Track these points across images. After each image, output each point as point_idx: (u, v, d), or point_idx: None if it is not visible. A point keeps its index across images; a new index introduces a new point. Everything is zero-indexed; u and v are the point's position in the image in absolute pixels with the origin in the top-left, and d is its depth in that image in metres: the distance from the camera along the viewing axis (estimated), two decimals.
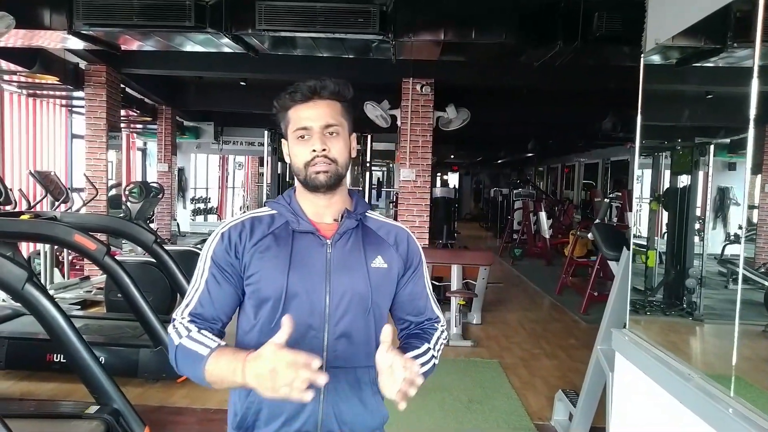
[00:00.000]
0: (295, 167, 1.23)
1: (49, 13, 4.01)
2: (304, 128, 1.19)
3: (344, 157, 1.22)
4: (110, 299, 4.95)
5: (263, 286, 1.18)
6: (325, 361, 1.17)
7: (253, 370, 1.00)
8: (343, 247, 1.23)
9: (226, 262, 1.20)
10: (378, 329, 1.22)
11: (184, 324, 1.16)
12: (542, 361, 4.69)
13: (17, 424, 2.10)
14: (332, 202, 1.25)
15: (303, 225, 1.22)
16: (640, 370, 1.99)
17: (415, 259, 1.31)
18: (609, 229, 3.51)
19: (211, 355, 1.08)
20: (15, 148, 7.48)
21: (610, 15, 3.71)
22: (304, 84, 1.20)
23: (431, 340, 1.29)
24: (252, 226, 1.22)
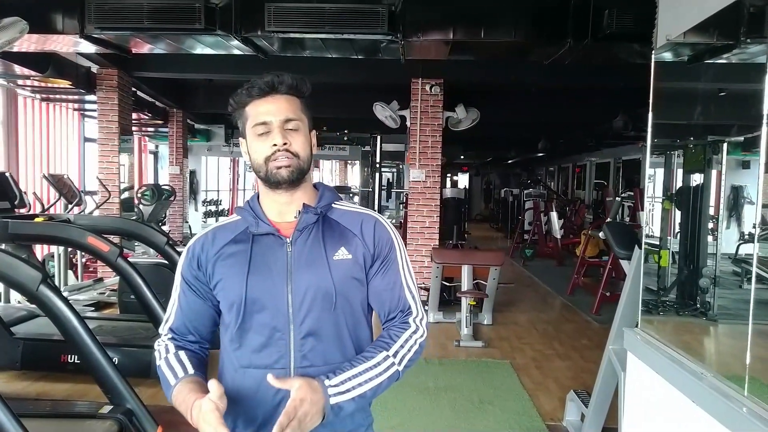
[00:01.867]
0: (255, 164, 1.19)
1: (61, 17, 4.06)
2: (263, 123, 1.17)
3: (306, 151, 1.19)
4: (123, 301, 4.99)
5: (227, 293, 1.19)
6: (293, 361, 1.17)
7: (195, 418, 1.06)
8: (303, 244, 1.20)
9: (192, 276, 1.23)
10: (350, 323, 1.22)
11: (165, 342, 1.24)
12: (554, 361, 4.67)
13: (33, 424, 2.12)
14: (294, 198, 1.22)
15: (262, 227, 1.20)
16: (653, 370, 1.98)
17: (385, 247, 1.24)
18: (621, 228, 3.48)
19: (176, 387, 1.16)
20: (29, 151, 7.58)
21: (620, 12, 3.68)
22: (261, 79, 1.18)
23: (393, 345, 1.20)
24: (214, 237, 1.23)
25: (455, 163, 18.90)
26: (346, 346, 1.22)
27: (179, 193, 9.47)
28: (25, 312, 4.46)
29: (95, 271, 6.96)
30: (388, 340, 1.21)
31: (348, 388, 1.12)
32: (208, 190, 14.29)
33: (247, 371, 1.18)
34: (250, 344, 1.18)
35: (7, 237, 3.81)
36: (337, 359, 1.18)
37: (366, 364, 1.16)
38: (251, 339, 1.18)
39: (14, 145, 7.14)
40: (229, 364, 1.22)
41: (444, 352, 4.82)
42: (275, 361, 1.17)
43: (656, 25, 2.09)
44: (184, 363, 1.19)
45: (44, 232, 3.85)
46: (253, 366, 1.18)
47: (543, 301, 7.21)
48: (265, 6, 3.84)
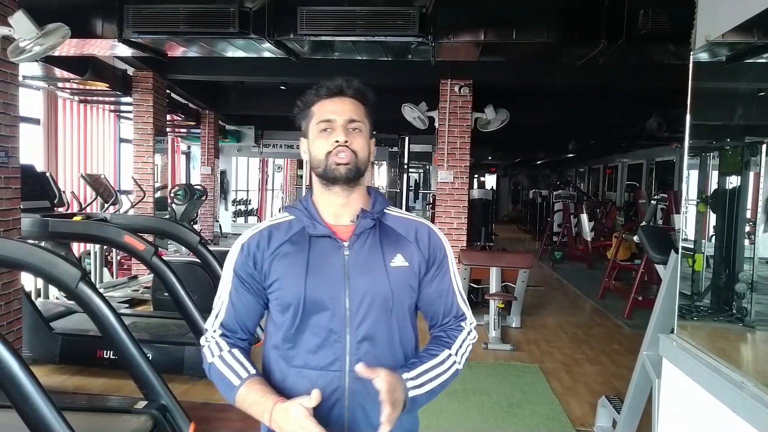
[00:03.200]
0: (315, 160, 1.21)
1: (101, 22, 4.18)
2: (327, 121, 1.20)
3: (364, 153, 1.22)
4: (157, 298, 5.10)
5: (283, 293, 1.20)
6: (348, 364, 1.18)
7: (279, 422, 1.08)
8: (360, 249, 1.21)
9: (246, 274, 1.23)
10: (401, 329, 1.25)
11: (216, 339, 1.23)
12: (584, 366, 4.60)
13: (71, 417, 2.18)
14: (350, 200, 1.23)
15: (319, 229, 1.22)
16: (689, 377, 1.93)
17: (439, 255, 1.28)
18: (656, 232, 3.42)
19: (242, 387, 1.16)
20: (67, 151, 7.81)
21: (656, 12, 3.60)
22: (331, 81, 1.23)
23: (453, 344, 1.26)
24: (270, 235, 1.24)
25: (483, 164, 18.75)
26: (396, 351, 1.24)
27: (210, 193, 9.63)
28: (63, 308, 4.60)
29: (129, 269, 7.13)
30: (449, 340, 1.27)
31: (422, 382, 1.17)
32: (238, 190, 14.51)
33: (302, 371, 1.19)
34: (305, 345, 1.20)
35: (47, 235, 3.95)
36: (388, 364, 1.18)
37: (434, 361, 1.22)
38: (307, 340, 1.19)
39: (54, 146, 7.37)
40: (281, 363, 1.22)
41: (472, 354, 4.74)
42: (331, 362, 1.18)
43: (695, 25, 2.04)
44: (242, 362, 1.20)
45: (82, 231, 3.97)
46: (308, 367, 1.19)
47: (572, 305, 7.11)
48: (298, 10, 3.88)
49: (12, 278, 3.49)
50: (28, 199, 3.99)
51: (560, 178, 17.73)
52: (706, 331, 4.40)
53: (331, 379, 1.17)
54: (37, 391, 2.04)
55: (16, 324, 3.58)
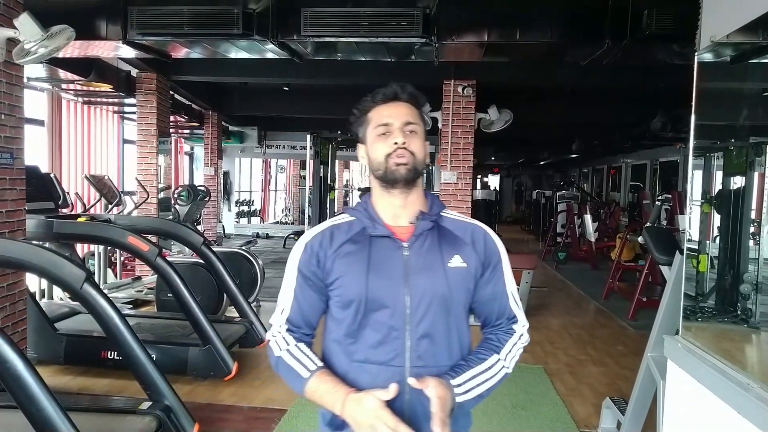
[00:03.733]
0: (374, 162, 1.26)
1: (105, 24, 4.19)
2: (385, 124, 1.25)
3: (422, 154, 1.26)
4: (161, 299, 5.11)
5: (345, 290, 1.25)
6: (408, 361, 1.22)
7: (352, 412, 1.13)
8: (419, 249, 1.25)
9: (310, 271, 1.28)
10: (458, 328, 1.29)
11: (282, 334, 1.30)
12: (589, 367, 4.59)
13: (75, 418, 2.19)
14: (408, 202, 1.28)
15: (379, 229, 1.27)
16: (694, 379, 1.93)
17: (494, 258, 1.31)
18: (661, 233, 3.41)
19: (311, 379, 1.22)
20: (71, 152, 7.85)
21: (660, 12, 3.60)
22: (386, 88, 1.28)
23: (503, 348, 1.30)
24: (332, 235, 1.29)
25: (486, 164, 18.74)
26: (453, 348, 1.28)
27: (213, 194, 9.65)
28: (67, 308, 4.61)
29: (133, 270, 7.14)
30: (498, 344, 1.31)
31: (470, 388, 1.22)
32: (241, 191, 14.53)
33: (363, 366, 1.24)
34: (366, 340, 1.24)
35: (51, 236, 3.96)
36: (445, 362, 1.25)
37: (482, 366, 1.26)
38: (368, 335, 1.24)
39: (58, 147, 7.40)
40: (342, 357, 1.27)
41: None
42: (391, 358, 1.22)
43: (699, 26, 2.04)
44: (309, 356, 1.26)
45: (87, 232, 3.98)
46: (369, 361, 1.24)
47: (576, 306, 7.10)
48: (301, 11, 3.89)
49: (17, 279, 3.51)
50: (32, 200, 4.00)
51: (564, 178, 17.70)
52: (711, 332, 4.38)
53: (392, 374, 1.21)
54: (42, 392, 2.04)
55: (21, 325, 3.60)
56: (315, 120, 9.75)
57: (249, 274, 5.64)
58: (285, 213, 17.06)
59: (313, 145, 7.16)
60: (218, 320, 4.49)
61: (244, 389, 3.85)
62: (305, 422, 3.38)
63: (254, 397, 3.73)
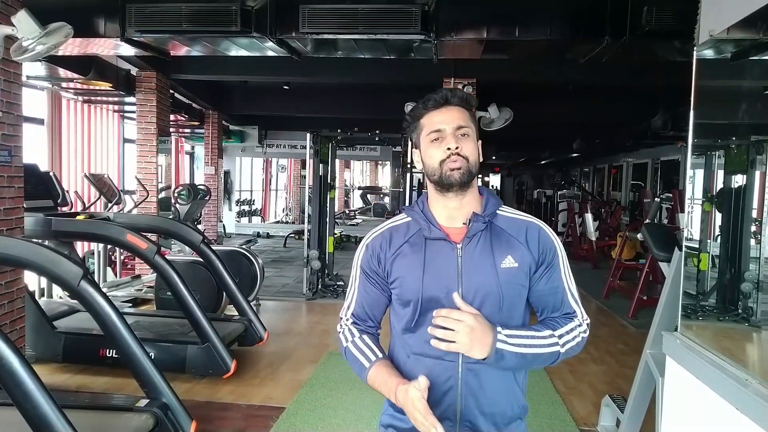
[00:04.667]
0: (429, 168, 1.31)
1: (103, 21, 4.19)
2: (437, 131, 1.28)
3: (474, 156, 1.30)
4: (160, 297, 5.10)
5: (403, 290, 1.32)
6: (461, 355, 1.26)
7: (401, 400, 1.21)
8: (472, 251, 1.29)
9: (372, 270, 1.36)
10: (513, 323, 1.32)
11: (348, 326, 1.39)
12: (589, 366, 4.57)
13: (73, 415, 2.18)
14: (463, 203, 1.32)
15: (434, 232, 1.31)
16: (693, 375, 1.91)
17: (549, 254, 1.33)
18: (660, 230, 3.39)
19: (372, 369, 1.31)
20: (71, 151, 7.85)
21: (660, 9, 3.58)
22: (436, 94, 1.31)
23: (560, 328, 1.31)
24: (391, 237, 1.36)
25: (487, 164, 18.72)
26: None
27: (214, 193, 9.65)
28: (66, 307, 4.60)
29: (133, 268, 7.14)
30: (555, 324, 1.32)
31: (514, 342, 1.23)
32: (242, 190, 14.53)
33: (420, 358, 1.30)
34: (423, 335, 1.27)
35: (50, 234, 3.95)
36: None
37: (534, 332, 1.28)
38: (424, 331, 1.27)
39: (58, 146, 7.40)
40: (402, 349, 1.34)
41: None
42: (445, 353, 1.26)
43: (698, 20, 2.02)
44: (371, 347, 1.34)
45: (85, 230, 3.98)
46: (425, 355, 1.29)
47: None
48: (300, 8, 3.88)
49: (15, 277, 3.51)
50: (31, 198, 4.00)
51: (565, 177, 17.68)
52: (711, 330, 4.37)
53: (445, 367, 1.27)
54: (38, 389, 2.04)
55: (19, 323, 3.60)
56: (315, 119, 9.75)
57: (249, 273, 5.63)
58: (286, 212, 17.06)
59: (312, 143, 7.14)
60: (217, 318, 4.48)
61: (242, 387, 3.84)
62: (303, 420, 3.37)
63: (253, 395, 3.72)
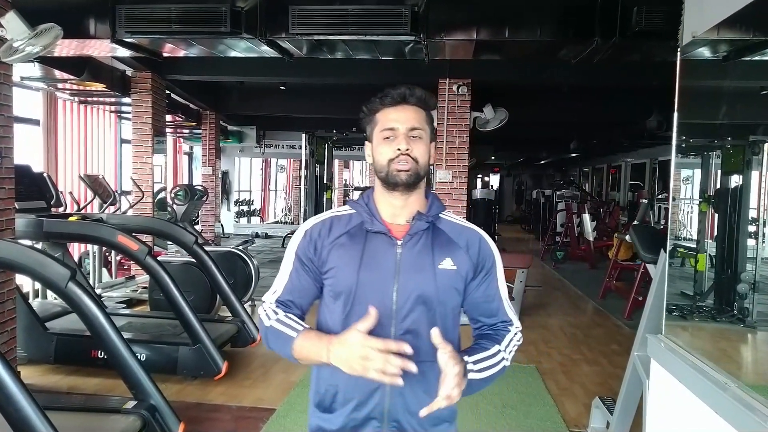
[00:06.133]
0: (378, 165, 1.29)
1: (94, 22, 4.18)
2: (391, 129, 1.27)
3: (424, 159, 1.29)
4: (154, 298, 5.10)
5: (337, 281, 1.29)
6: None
7: (338, 353, 1.16)
8: (412, 249, 1.28)
9: (307, 257, 1.32)
10: (444, 327, 1.29)
11: (272, 308, 1.33)
12: (582, 367, 4.57)
13: (61, 417, 2.19)
14: (408, 202, 1.31)
15: (376, 226, 1.30)
16: (675, 378, 1.91)
17: (488, 262, 1.34)
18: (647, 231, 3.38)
19: (298, 338, 1.25)
20: (67, 152, 7.84)
21: (649, 9, 3.57)
22: (395, 90, 1.29)
23: (502, 341, 1.32)
24: (331, 225, 1.33)
25: (486, 164, 18.71)
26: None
27: (212, 194, 9.64)
28: (59, 308, 4.60)
29: (129, 269, 7.14)
30: (497, 337, 1.34)
31: (482, 368, 1.25)
32: (241, 191, 14.54)
33: None
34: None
35: (42, 235, 3.96)
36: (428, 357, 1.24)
37: (488, 352, 1.29)
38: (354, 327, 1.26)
39: (53, 147, 7.40)
40: None
41: None
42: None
43: (682, 21, 2.02)
44: (298, 321, 1.30)
45: (76, 231, 3.98)
46: None
47: (573, 305, 7.07)
48: (289, 9, 3.87)
49: (5, 279, 3.50)
50: (23, 199, 3.99)
51: (564, 177, 17.67)
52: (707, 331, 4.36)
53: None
54: (20, 391, 2.03)
55: (10, 324, 3.59)
56: (313, 119, 9.74)
57: (243, 274, 5.63)
58: (285, 212, 17.07)
59: (308, 144, 7.15)
60: (210, 319, 4.48)
61: (233, 389, 3.84)
62: (293, 422, 3.36)
63: (244, 397, 3.72)
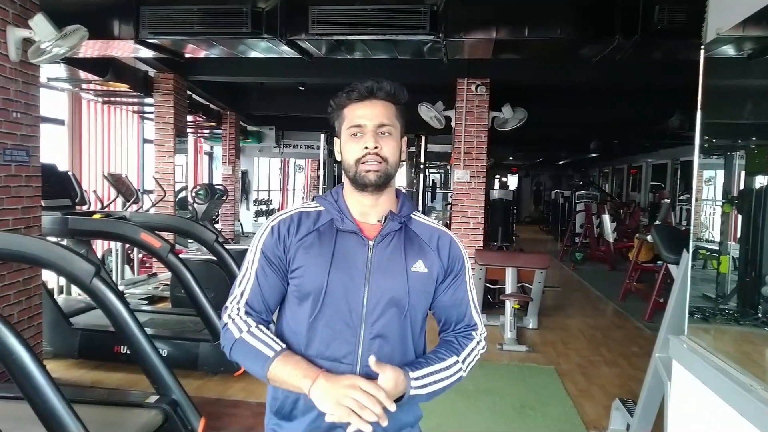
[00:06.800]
0: (345, 164, 1.24)
1: (118, 24, 4.26)
2: (358, 126, 1.22)
3: (395, 157, 1.23)
4: (175, 295, 5.18)
5: (305, 281, 1.22)
6: (360, 359, 1.21)
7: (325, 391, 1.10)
8: (384, 249, 1.24)
9: (274, 255, 1.25)
10: (414, 330, 1.28)
11: (242, 317, 1.23)
12: (601, 368, 4.52)
13: (85, 410, 2.23)
14: (378, 202, 1.26)
15: (347, 224, 1.24)
16: (699, 380, 1.89)
17: (457, 265, 1.31)
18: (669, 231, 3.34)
19: (277, 359, 1.17)
20: (91, 151, 7.99)
21: (671, 7, 3.53)
22: (362, 84, 1.23)
23: (462, 351, 1.29)
24: (299, 221, 1.26)
25: (504, 164, 18.60)
26: (408, 350, 1.27)
27: (231, 193, 9.74)
28: (83, 304, 4.69)
29: (151, 267, 7.25)
30: (458, 347, 1.30)
31: (426, 383, 1.20)
32: (259, 190, 14.65)
33: (315, 360, 1.21)
34: (319, 335, 1.22)
35: (66, 232, 4.04)
36: (396, 361, 1.22)
37: (441, 365, 1.24)
38: (322, 330, 1.22)
39: (78, 146, 7.54)
40: (295, 349, 1.23)
41: (486, 355, 4.67)
42: (344, 355, 1.21)
43: (706, 18, 1.99)
44: (273, 338, 1.21)
45: (100, 228, 4.05)
46: (321, 357, 1.21)
47: (593, 306, 7.00)
48: (309, 9, 3.90)
49: (33, 274, 3.58)
50: (49, 197, 4.09)
51: (583, 178, 17.49)
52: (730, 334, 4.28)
53: (342, 371, 1.19)
54: (47, 384, 2.08)
55: (36, 319, 3.67)
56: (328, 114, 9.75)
57: None
58: None
59: (326, 143, 7.18)
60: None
61: (253, 385, 3.88)
62: None
63: (263, 393, 3.71)
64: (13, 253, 2.82)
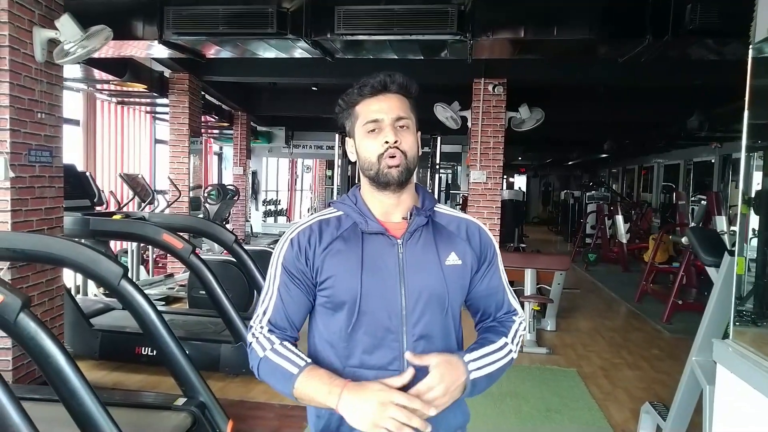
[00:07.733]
0: (365, 162, 1.18)
1: (142, 24, 4.25)
2: (374, 121, 1.17)
3: (413, 151, 1.19)
4: (193, 296, 5.17)
5: (337, 290, 1.16)
6: (407, 363, 1.14)
7: (352, 399, 1.04)
8: (414, 246, 1.19)
9: (297, 269, 1.19)
10: (455, 326, 1.24)
11: (265, 335, 1.18)
12: (624, 371, 4.48)
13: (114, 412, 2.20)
14: (401, 199, 1.21)
15: (372, 226, 1.19)
16: (748, 384, 1.85)
17: (489, 252, 1.27)
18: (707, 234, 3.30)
19: (302, 374, 1.10)
20: (105, 151, 8.00)
21: (704, 7, 3.48)
22: (373, 78, 1.18)
23: (509, 333, 1.26)
24: (320, 230, 1.20)
25: (512, 164, 18.53)
26: (452, 348, 1.22)
27: (242, 193, 9.74)
28: (102, 304, 4.69)
29: (165, 267, 7.25)
30: (503, 329, 1.27)
31: (484, 364, 1.17)
32: (268, 191, 14.65)
33: (358, 371, 1.15)
34: (360, 344, 1.16)
35: (88, 233, 4.03)
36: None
37: (493, 346, 1.22)
38: (361, 339, 1.16)
39: (92, 146, 7.55)
40: (335, 361, 1.18)
41: None
42: (389, 362, 1.15)
43: (755, 17, 1.95)
44: (297, 353, 1.15)
45: (122, 229, 4.05)
46: (365, 366, 1.16)
47: (608, 308, 6.95)
48: (335, 9, 3.88)
49: (54, 275, 3.58)
50: (69, 197, 4.07)
51: (592, 178, 17.41)
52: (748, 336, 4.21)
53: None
54: (83, 387, 2.06)
55: (58, 320, 3.67)
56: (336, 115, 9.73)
57: None
58: (311, 212, 17.17)
59: (341, 144, 7.16)
60: (249, 317, 4.51)
61: None
62: None
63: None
64: (41, 254, 2.80)
